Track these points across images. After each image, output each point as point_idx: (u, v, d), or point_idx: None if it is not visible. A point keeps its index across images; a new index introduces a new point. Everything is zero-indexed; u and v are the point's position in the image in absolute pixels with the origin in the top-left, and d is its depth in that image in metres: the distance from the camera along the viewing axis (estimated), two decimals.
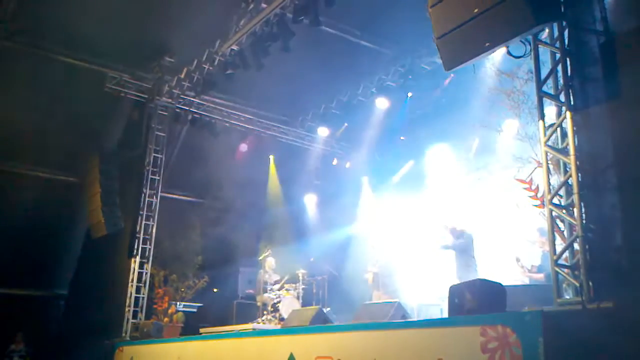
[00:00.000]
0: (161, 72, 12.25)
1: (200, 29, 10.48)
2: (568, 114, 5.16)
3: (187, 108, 13.01)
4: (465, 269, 8.93)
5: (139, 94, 12.46)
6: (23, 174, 12.86)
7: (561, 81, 5.38)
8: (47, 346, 11.88)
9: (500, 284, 5.15)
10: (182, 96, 12.63)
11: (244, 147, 14.56)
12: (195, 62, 11.48)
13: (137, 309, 11.69)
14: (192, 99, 12.80)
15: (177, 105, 12.84)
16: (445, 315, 7.26)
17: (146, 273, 11.93)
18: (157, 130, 12.74)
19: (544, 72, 5.58)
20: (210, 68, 11.22)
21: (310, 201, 15.37)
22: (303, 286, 11.95)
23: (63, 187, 13.25)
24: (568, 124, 5.13)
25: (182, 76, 11.94)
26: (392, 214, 12.95)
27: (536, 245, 8.09)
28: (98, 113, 12.09)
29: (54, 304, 13.15)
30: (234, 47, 10.54)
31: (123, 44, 10.90)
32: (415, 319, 8.23)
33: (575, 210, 4.94)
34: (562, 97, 5.31)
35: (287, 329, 7.23)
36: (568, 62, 5.33)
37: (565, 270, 4.97)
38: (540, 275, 7.92)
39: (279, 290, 11.61)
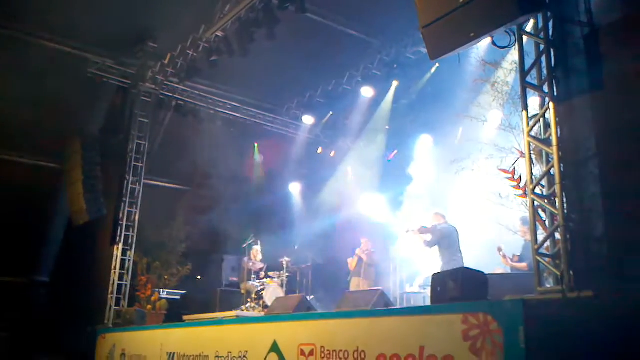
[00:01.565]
0: (144, 58, 12.12)
1: (184, 14, 10.37)
2: (551, 104, 5.20)
3: (171, 94, 12.90)
4: (443, 262, 9.07)
5: (121, 80, 12.32)
6: (4, 160, 12.69)
7: (545, 72, 5.42)
8: (29, 333, 11.79)
9: (482, 272, 5.20)
10: (165, 82, 12.52)
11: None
12: (180, 48, 11.36)
13: (119, 296, 11.64)
14: (176, 85, 12.70)
15: (161, 92, 12.73)
16: (428, 303, 7.33)
17: (129, 260, 11.87)
18: (141, 117, 12.61)
19: (528, 63, 5.61)
20: (195, 54, 11.11)
21: (294, 189, 15.37)
22: (287, 274, 11.97)
23: (45, 174, 13.10)
24: (551, 115, 5.17)
25: (166, 62, 11.81)
26: (376, 203, 13.00)
27: (518, 235, 8.17)
28: (80, 99, 11.92)
29: (36, 291, 13.03)
30: (219, 34, 10.44)
31: (106, 28, 10.77)
32: (398, 307, 8.30)
33: (557, 200, 4.99)
34: (546, 88, 5.35)
35: (271, 317, 7.24)
36: (552, 53, 5.36)
37: (547, 259, 5.03)
38: (524, 265, 7.99)
39: (263, 278, 11.63)
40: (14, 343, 11.49)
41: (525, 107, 5.49)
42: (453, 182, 9.67)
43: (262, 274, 11.94)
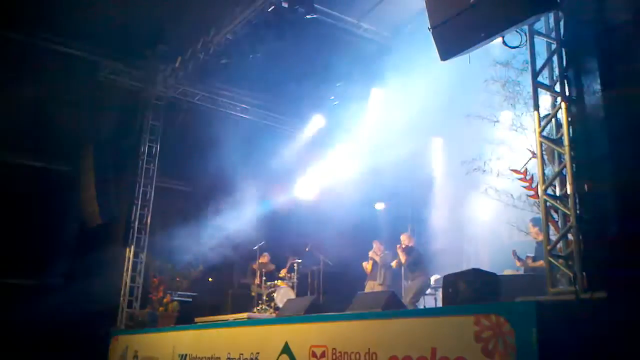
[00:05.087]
0: (155, 61, 12.18)
1: (194, 18, 10.42)
2: (563, 104, 5.17)
3: (182, 97, 12.96)
4: (413, 278, 10.14)
5: (133, 83, 12.40)
6: (17, 164, 12.78)
7: (556, 72, 5.39)
8: (41, 335, 11.86)
9: (494, 274, 5.18)
10: (176, 85, 12.58)
11: None
12: (190, 51, 11.41)
13: (132, 298, 11.71)
14: (186, 88, 12.76)
15: (172, 94, 12.79)
16: (440, 304, 7.30)
17: (141, 262, 11.94)
18: (152, 120, 12.69)
19: (540, 63, 5.58)
20: (205, 57, 11.16)
21: (305, 191, 15.35)
22: (298, 276, 11.98)
23: (56, 177, 13.17)
24: (563, 115, 5.14)
25: (177, 65, 11.87)
26: (387, 205, 12.98)
27: (530, 236, 8.13)
28: (92, 102, 12.02)
29: (49, 293, 13.11)
30: (229, 36, 10.48)
31: (116, 32, 10.83)
32: (409, 309, 8.28)
33: (570, 200, 4.96)
34: (558, 88, 5.31)
35: (282, 319, 7.25)
36: (563, 53, 5.33)
37: (559, 260, 4.99)
38: (541, 262, 7.90)
39: (274, 280, 11.64)
40: (27, 344, 11.56)
41: (537, 107, 5.46)
42: (464, 183, 9.63)
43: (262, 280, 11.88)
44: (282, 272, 11.97)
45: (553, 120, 5.36)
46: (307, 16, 9.14)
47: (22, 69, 10.84)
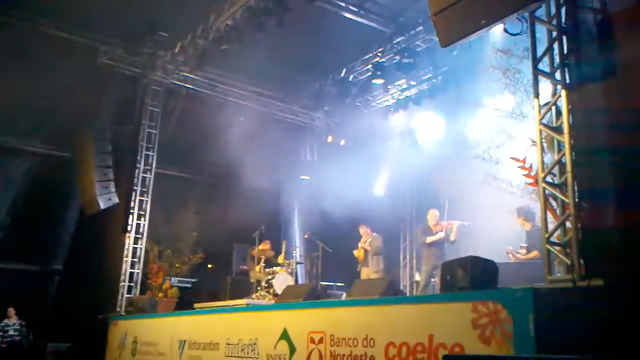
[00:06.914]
0: (155, 47, 12.12)
1: (195, 3, 10.36)
2: (563, 92, 5.16)
3: (182, 83, 12.91)
4: (440, 258, 9.65)
5: (132, 69, 12.34)
6: (15, 149, 12.77)
7: (557, 59, 5.37)
8: (41, 320, 11.93)
9: (492, 261, 5.19)
10: (176, 71, 12.53)
11: None
12: (190, 36, 11.35)
13: (131, 284, 11.74)
14: (186, 74, 12.70)
15: (172, 81, 12.75)
16: (438, 291, 7.33)
17: (140, 248, 11.96)
18: (151, 106, 12.64)
19: (540, 50, 5.55)
20: (205, 43, 11.10)
21: (305, 178, 15.35)
22: (297, 262, 12.00)
23: (56, 163, 13.17)
24: (563, 103, 5.13)
25: (177, 51, 11.82)
26: (387, 191, 12.98)
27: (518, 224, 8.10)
28: (91, 88, 11.96)
29: (49, 279, 13.17)
30: (229, 22, 10.42)
31: (116, 17, 10.76)
32: (407, 295, 8.31)
33: (568, 188, 4.96)
34: (558, 75, 5.30)
35: (281, 305, 7.28)
36: (564, 40, 5.31)
37: (557, 248, 5.00)
38: (535, 253, 7.92)
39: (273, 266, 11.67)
40: (28, 329, 11.62)
41: (537, 94, 5.45)
42: (464, 171, 9.64)
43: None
44: (280, 259, 11.99)
45: (553, 108, 5.35)
46: (308, 2, 9.08)
47: (22, 54, 10.78)
